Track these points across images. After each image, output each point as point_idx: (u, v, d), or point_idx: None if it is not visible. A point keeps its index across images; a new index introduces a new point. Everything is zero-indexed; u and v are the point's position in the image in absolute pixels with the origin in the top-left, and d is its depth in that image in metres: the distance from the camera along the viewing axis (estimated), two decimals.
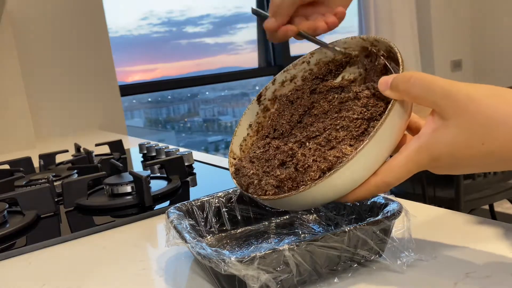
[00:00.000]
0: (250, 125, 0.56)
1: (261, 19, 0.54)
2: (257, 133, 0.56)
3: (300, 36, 0.53)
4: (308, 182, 0.41)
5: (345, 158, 0.40)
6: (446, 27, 3.20)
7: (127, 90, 2.35)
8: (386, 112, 0.39)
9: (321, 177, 0.40)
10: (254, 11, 0.55)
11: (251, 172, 0.47)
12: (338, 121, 0.46)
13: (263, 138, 0.54)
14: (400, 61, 0.42)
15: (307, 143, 0.47)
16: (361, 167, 0.39)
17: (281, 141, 0.50)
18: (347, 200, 0.41)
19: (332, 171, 0.39)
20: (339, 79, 0.53)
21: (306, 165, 0.43)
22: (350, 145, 0.43)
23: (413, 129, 0.45)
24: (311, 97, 0.53)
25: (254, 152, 0.51)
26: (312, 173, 0.42)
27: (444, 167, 0.38)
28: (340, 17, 0.53)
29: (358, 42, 0.50)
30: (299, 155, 0.45)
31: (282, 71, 0.56)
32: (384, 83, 0.40)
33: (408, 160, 0.38)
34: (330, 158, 0.42)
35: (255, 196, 0.45)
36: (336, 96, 0.50)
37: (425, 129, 0.38)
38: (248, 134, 0.56)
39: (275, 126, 0.54)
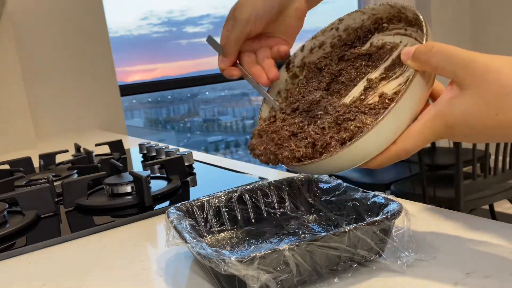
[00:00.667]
0: (279, 92, 0.57)
1: (215, 49, 0.57)
2: (286, 99, 0.56)
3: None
4: (331, 149, 0.43)
5: (365, 128, 0.41)
6: (446, 27, 3.20)
7: (127, 90, 2.35)
8: (407, 82, 0.39)
9: (342, 146, 0.42)
10: (208, 40, 0.57)
11: (262, 147, 0.48)
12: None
13: (291, 104, 0.54)
14: (424, 30, 0.42)
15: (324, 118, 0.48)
16: (381, 137, 0.40)
17: (296, 116, 0.51)
18: (369, 166, 0.42)
19: (353, 141, 0.40)
20: (367, 45, 0.53)
21: (325, 143, 0.44)
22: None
23: (436, 98, 0.45)
24: (339, 64, 0.54)
25: (260, 125, 0.52)
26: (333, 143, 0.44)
27: (458, 135, 0.39)
28: (284, 56, 0.55)
29: (386, 9, 0.50)
30: (312, 133, 0.46)
31: (311, 37, 0.56)
32: (406, 53, 0.41)
33: (425, 127, 0.39)
34: (351, 127, 0.43)
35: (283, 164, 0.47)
36: (363, 63, 0.51)
37: (443, 97, 0.39)
38: (277, 101, 0.56)
39: (303, 93, 0.54)
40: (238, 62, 0.57)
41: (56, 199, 0.76)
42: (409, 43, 0.49)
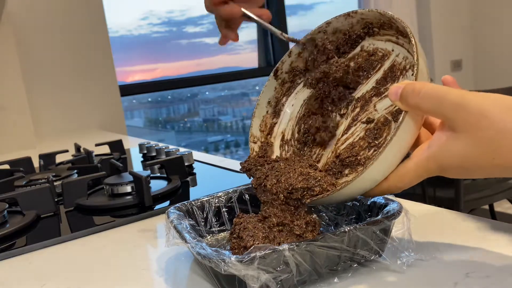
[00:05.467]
0: (269, 102, 0.57)
1: None
2: (275, 107, 0.56)
3: (245, 17, 0.55)
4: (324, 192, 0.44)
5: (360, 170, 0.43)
6: (446, 27, 3.20)
7: (127, 90, 2.35)
8: (397, 124, 0.39)
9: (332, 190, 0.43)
10: None
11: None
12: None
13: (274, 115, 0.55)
14: (415, 51, 0.41)
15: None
16: (372, 177, 0.41)
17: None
18: (364, 196, 0.45)
19: (335, 190, 0.42)
20: (357, 49, 0.53)
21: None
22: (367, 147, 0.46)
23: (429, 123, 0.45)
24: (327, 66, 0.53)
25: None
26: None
27: (453, 174, 0.39)
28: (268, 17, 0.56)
29: (376, 16, 0.49)
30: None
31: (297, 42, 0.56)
32: (394, 93, 0.40)
33: (418, 167, 0.39)
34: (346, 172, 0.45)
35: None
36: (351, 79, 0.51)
37: (435, 140, 0.38)
38: (267, 111, 0.56)
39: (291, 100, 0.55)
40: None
41: (56, 199, 0.76)
42: (401, 53, 0.48)
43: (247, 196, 0.56)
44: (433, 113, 0.38)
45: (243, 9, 0.55)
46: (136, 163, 1.14)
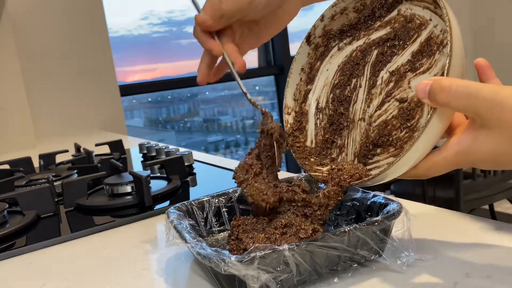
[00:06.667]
0: (302, 69, 0.55)
1: (195, 7, 0.53)
2: (309, 74, 0.55)
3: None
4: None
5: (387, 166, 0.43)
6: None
7: (127, 90, 2.35)
8: (429, 116, 0.38)
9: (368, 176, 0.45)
10: None
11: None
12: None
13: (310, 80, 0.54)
14: (448, 23, 0.39)
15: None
16: (402, 166, 0.41)
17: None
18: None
19: (367, 179, 0.44)
20: (394, 13, 0.50)
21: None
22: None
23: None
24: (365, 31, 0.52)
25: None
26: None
27: (483, 167, 0.40)
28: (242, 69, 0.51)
29: None
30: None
31: (331, 5, 0.53)
32: (421, 90, 0.39)
33: (447, 161, 0.40)
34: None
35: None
36: (388, 45, 0.50)
37: (466, 135, 0.38)
38: (301, 78, 0.55)
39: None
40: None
41: (56, 199, 0.76)
42: (439, 25, 0.45)
43: None
44: (464, 111, 0.38)
45: (224, 53, 0.51)
46: (136, 163, 1.14)
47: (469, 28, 3.30)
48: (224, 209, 0.55)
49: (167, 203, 0.72)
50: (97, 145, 1.25)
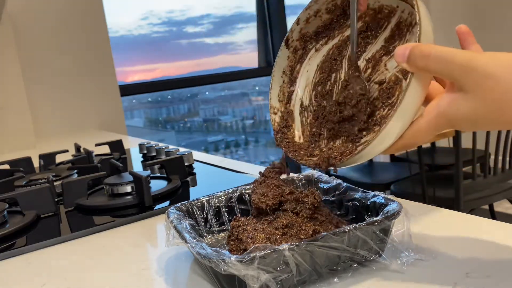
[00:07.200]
0: (283, 72, 0.57)
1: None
2: (291, 76, 0.56)
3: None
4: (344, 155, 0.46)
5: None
6: (446, 27, 3.20)
7: (127, 90, 2.35)
8: (407, 83, 0.39)
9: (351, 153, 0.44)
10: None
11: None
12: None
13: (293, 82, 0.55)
14: (417, 17, 0.41)
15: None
16: (388, 137, 0.42)
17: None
18: (382, 154, 0.45)
19: (357, 151, 0.43)
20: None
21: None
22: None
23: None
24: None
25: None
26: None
27: (462, 128, 0.41)
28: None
29: None
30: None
31: (304, 9, 0.55)
32: (400, 55, 0.40)
33: (430, 124, 0.40)
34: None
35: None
36: (361, 36, 0.51)
37: (444, 98, 0.39)
38: (283, 81, 0.56)
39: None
40: None
41: (56, 199, 0.76)
42: (406, 9, 0.47)
43: (247, 196, 0.56)
44: (441, 75, 0.39)
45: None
46: (136, 163, 1.14)
47: (469, 26, 3.30)
48: (224, 209, 0.55)
49: (167, 203, 0.72)
50: (97, 145, 1.25)
